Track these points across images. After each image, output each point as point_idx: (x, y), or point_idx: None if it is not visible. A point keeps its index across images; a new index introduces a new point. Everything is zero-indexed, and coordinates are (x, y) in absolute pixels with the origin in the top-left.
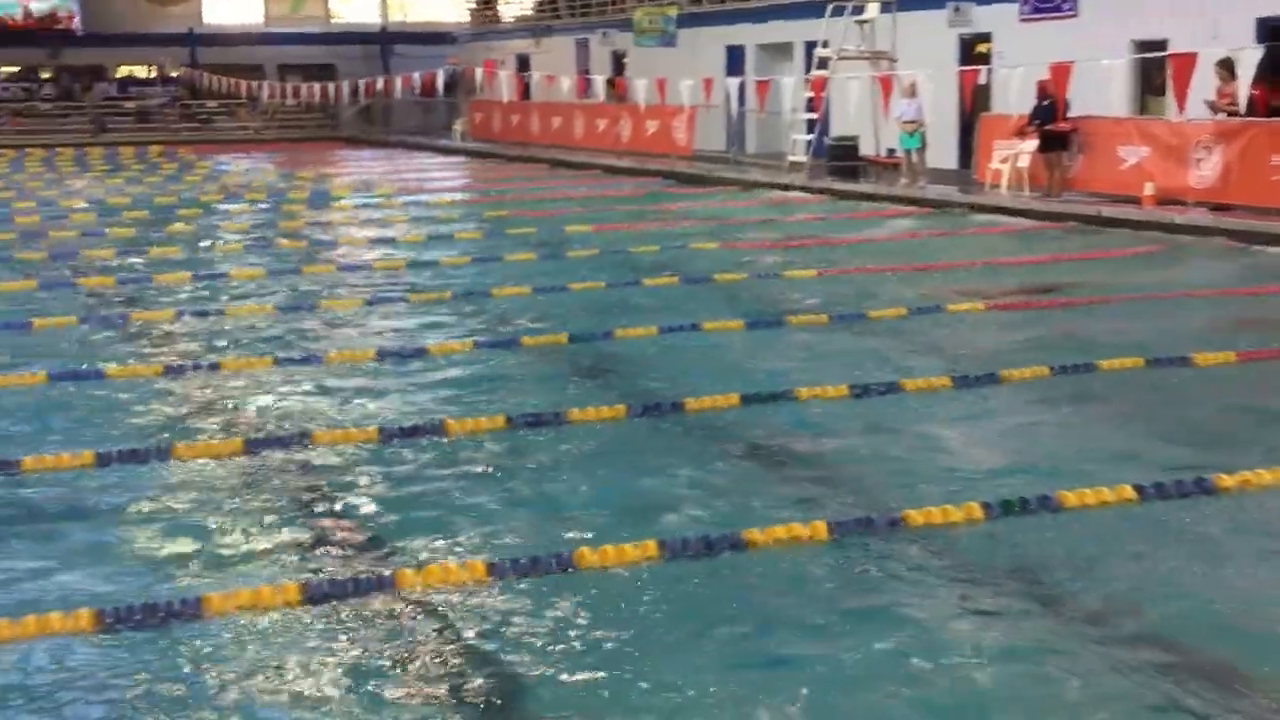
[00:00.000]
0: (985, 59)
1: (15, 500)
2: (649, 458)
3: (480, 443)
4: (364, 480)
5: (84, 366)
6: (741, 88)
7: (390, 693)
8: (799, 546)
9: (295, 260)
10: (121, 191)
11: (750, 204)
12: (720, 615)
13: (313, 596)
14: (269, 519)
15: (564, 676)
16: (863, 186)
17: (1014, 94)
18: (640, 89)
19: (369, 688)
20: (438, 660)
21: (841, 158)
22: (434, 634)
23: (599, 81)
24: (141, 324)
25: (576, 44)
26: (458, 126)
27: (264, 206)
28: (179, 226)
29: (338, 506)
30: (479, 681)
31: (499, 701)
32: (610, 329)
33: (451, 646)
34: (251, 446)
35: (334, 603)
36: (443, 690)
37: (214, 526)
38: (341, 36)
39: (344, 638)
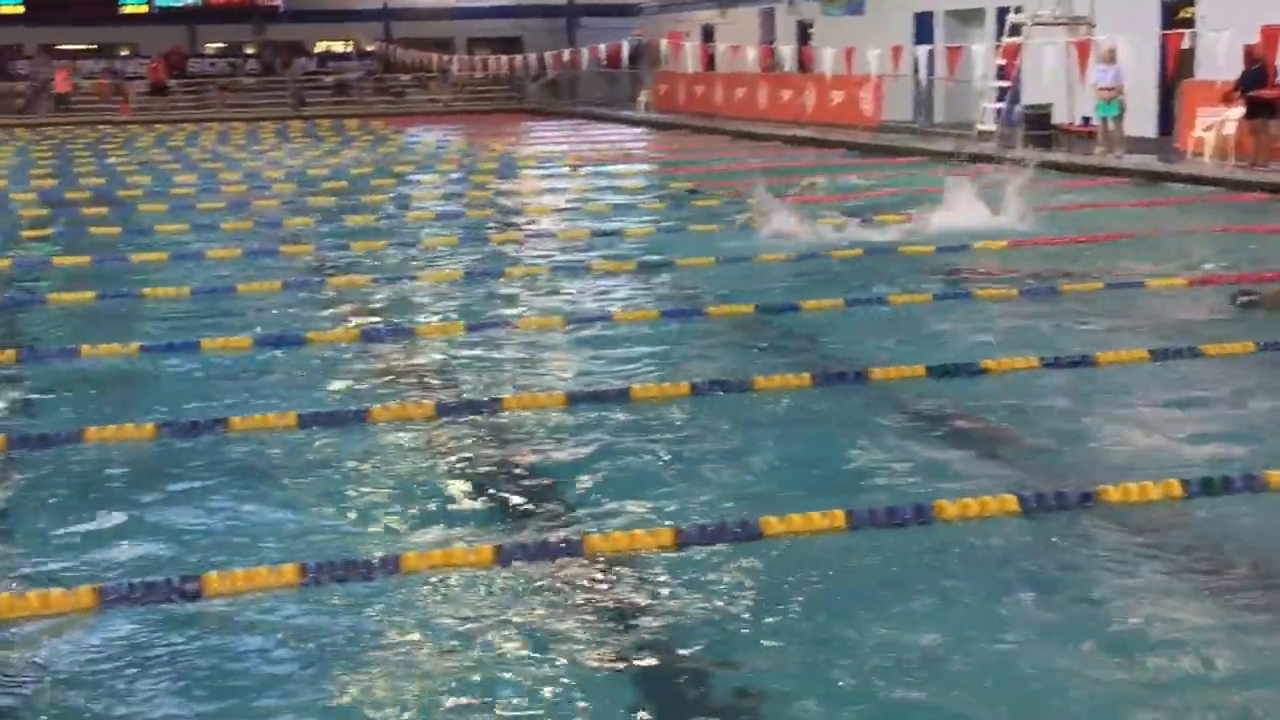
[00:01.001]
0: (1189, 23)
1: (224, 458)
2: (834, 427)
3: (666, 409)
4: (551, 445)
5: (286, 332)
6: (930, 56)
7: (575, 656)
8: (988, 520)
9: (484, 228)
10: (320, 163)
11: (936, 174)
12: (907, 588)
13: (504, 558)
14: (460, 482)
15: (751, 644)
16: (1056, 156)
17: (1220, 59)
18: (826, 58)
19: (555, 651)
20: (621, 625)
21: (1034, 126)
22: (619, 599)
23: (785, 51)
24: (339, 290)
25: (761, 14)
26: (642, 98)
27: (454, 176)
28: (374, 196)
29: (526, 470)
30: (663, 647)
31: (684, 667)
32: (796, 300)
33: (636, 612)
34: (443, 410)
35: (523, 564)
36: (626, 655)
37: (408, 488)
38: (529, 9)
39: (533, 600)
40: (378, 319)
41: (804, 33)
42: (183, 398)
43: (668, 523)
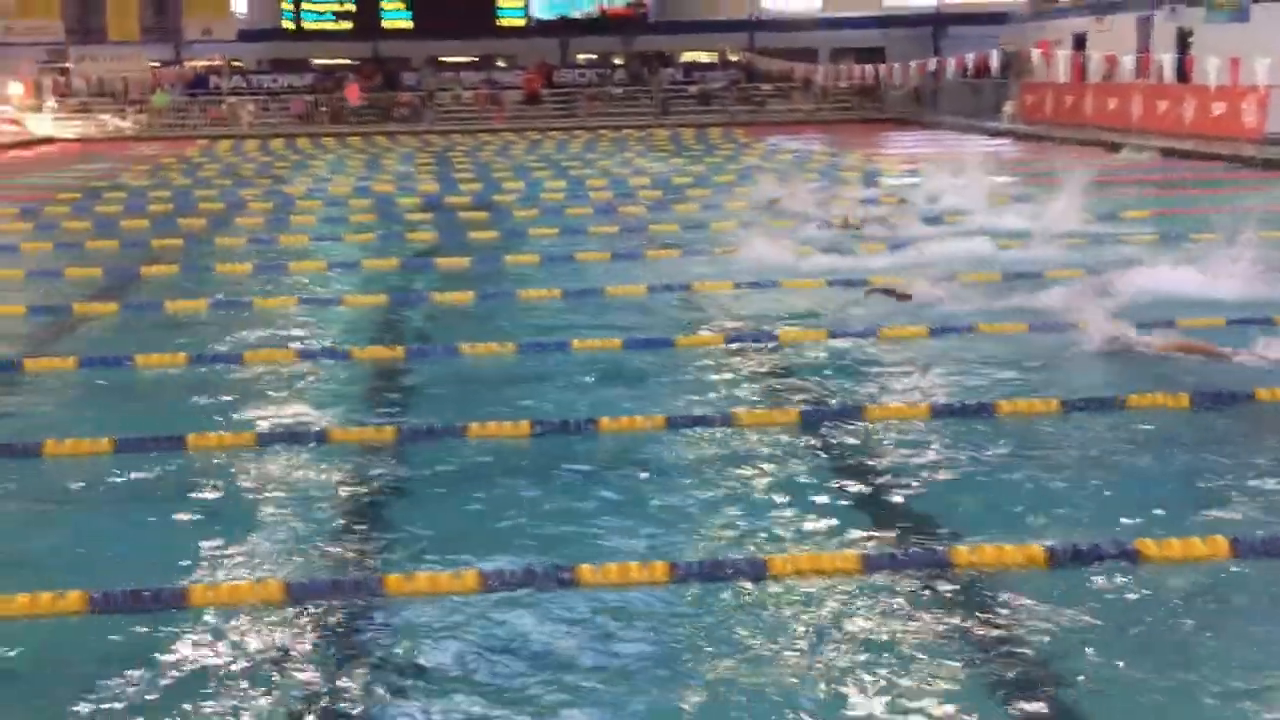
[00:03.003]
0: None
1: (599, 458)
2: (1212, 447)
3: (1030, 424)
4: (916, 456)
5: (653, 335)
6: None
7: (933, 669)
8: None
9: (847, 236)
10: (683, 171)
11: None
12: None
13: (871, 566)
14: (825, 489)
15: (1114, 673)
16: None
17: None
18: (1211, 68)
19: (914, 663)
20: (979, 642)
21: None
22: (980, 615)
23: (1165, 60)
24: (702, 294)
25: (1138, 21)
26: (1007, 108)
27: (814, 185)
28: (736, 203)
29: (891, 481)
30: (1026, 667)
31: (1046, 690)
32: (1173, 316)
33: (993, 630)
34: (807, 417)
35: (890, 574)
36: (987, 672)
37: (774, 491)
38: (894, 19)
39: (896, 609)
40: (741, 325)
41: (1183, 41)
42: (554, 396)
43: (1038, 540)
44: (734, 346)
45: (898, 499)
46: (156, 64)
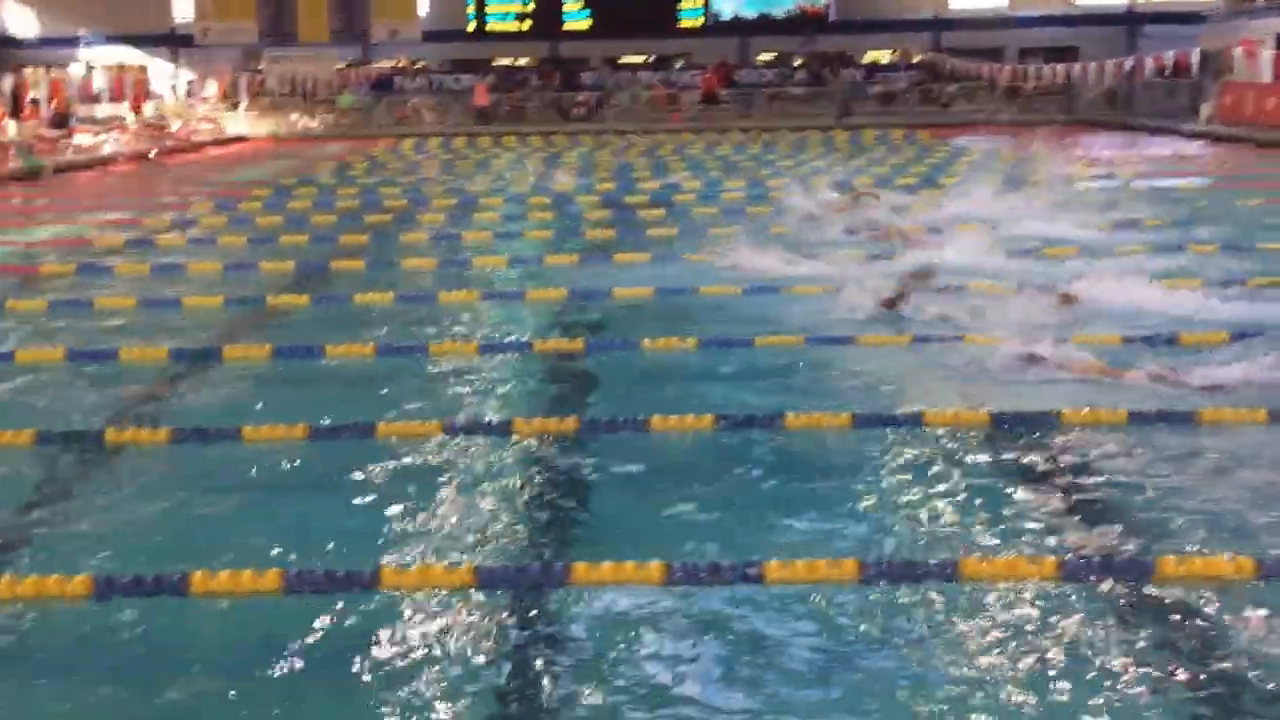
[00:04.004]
0: None
1: (784, 454)
2: None
3: (1236, 434)
4: (1116, 462)
5: (833, 333)
6: None
7: (1126, 680)
8: None
9: (1035, 241)
10: (864, 172)
11: None
12: None
13: (1068, 574)
14: (1019, 491)
15: None
16: None
17: None
18: None
19: (1111, 672)
20: (1184, 655)
21: None
22: (1188, 626)
23: None
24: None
25: None
26: (1204, 110)
27: (1000, 190)
28: (918, 205)
29: (1091, 486)
30: (1232, 682)
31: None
32: None
33: (1196, 642)
34: (997, 420)
35: (1088, 580)
36: (1183, 684)
37: (972, 494)
38: (1086, 18)
39: (1104, 618)
40: (931, 326)
41: None
42: (736, 391)
43: (1247, 552)
44: (918, 345)
45: (1097, 505)
46: (344, 65)
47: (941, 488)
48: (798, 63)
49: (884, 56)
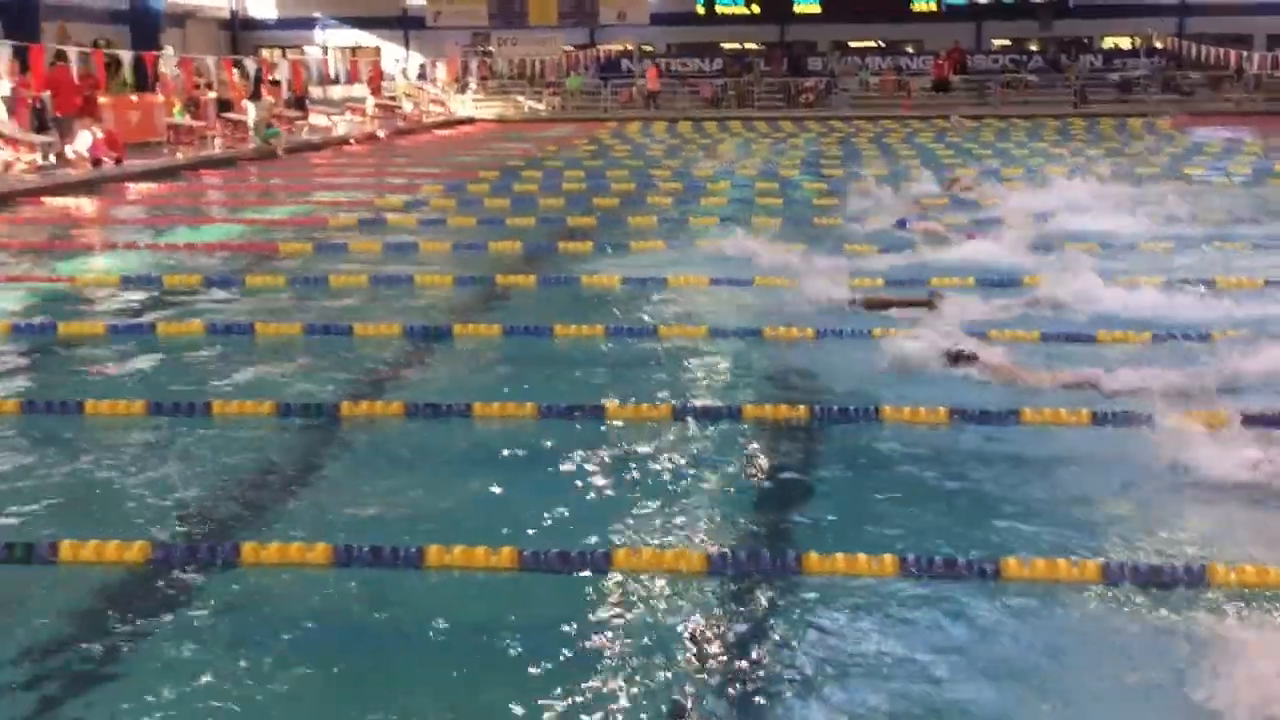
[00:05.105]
0: None
1: (1017, 451)
2: None
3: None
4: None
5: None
6: None
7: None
8: None
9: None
10: (1101, 161)
11: None
12: None
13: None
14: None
15: None
16: None
17: None
18: None
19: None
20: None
21: None
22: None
23: None
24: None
25: None
26: None
27: (1241, 179)
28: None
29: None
30: None
31: None
32: None
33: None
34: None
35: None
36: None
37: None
38: None
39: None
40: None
41: None
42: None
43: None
44: (1162, 344)
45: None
46: (571, 48)
47: (1190, 488)
48: (1033, 48)
49: (1124, 42)
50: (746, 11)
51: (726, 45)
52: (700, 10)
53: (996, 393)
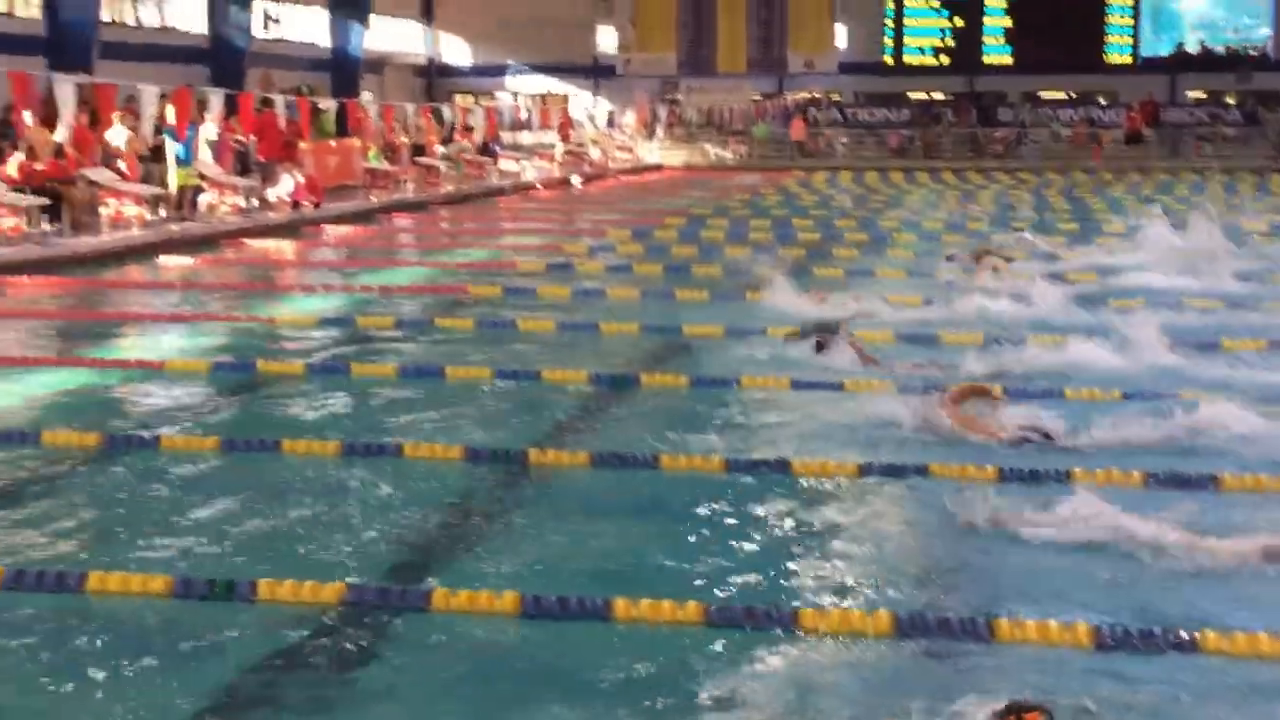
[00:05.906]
0: None
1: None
2: None
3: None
4: None
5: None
6: None
7: None
8: None
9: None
10: None
11: None
12: None
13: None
14: None
15: None
16: None
17: None
18: None
19: None
20: None
21: None
22: None
23: None
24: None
25: None
26: None
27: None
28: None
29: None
30: None
31: None
32: None
33: None
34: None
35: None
36: None
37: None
38: None
39: None
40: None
41: None
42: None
43: None
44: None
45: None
46: (759, 96)
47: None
48: (1230, 101)
49: None
50: (935, 63)
51: (913, 95)
52: (889, 61)
53: None
